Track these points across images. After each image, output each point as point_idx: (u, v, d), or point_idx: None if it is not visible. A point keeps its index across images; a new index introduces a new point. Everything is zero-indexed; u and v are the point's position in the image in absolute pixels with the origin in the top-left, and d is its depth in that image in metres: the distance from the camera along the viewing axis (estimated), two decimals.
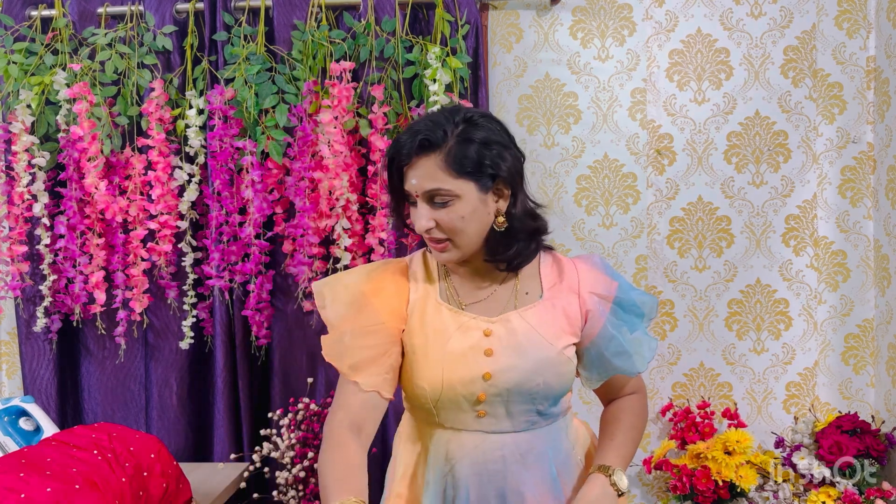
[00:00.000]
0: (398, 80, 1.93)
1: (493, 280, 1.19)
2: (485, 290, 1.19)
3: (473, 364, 1.14)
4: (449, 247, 1.13)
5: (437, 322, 1.17)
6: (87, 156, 1.84)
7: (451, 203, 1.10)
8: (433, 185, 1.09)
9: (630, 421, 1.25)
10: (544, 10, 2.09)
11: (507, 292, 1.19)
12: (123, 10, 1.96)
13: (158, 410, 1.99)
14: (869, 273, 2.06)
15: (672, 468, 1.93)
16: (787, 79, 2.06)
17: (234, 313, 1.95)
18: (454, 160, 1.08)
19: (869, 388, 2.06)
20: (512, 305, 1.17)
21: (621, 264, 2.10)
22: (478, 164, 1.09)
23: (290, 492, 1.82)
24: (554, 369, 1.15)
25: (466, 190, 1.10)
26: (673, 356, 2.10)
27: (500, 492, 1.17)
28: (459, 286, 1.20)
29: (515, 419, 1.17)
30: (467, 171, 1.09)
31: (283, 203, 1.93)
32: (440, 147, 1.09)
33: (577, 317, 1.18)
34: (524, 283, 1.19)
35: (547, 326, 1.16)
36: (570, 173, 2.10)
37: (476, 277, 1.20)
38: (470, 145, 1.09)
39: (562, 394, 1.19)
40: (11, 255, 1.90)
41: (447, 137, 1.09)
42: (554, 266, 1.21)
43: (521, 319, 1.16)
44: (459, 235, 1.12)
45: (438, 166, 1.09)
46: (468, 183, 1.10)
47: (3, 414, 1.82)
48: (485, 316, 1.17)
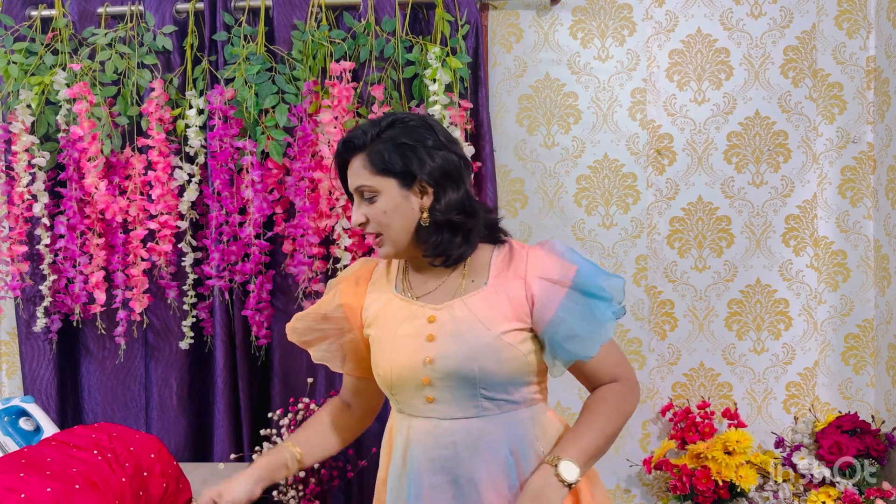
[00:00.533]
0: (398, 80, 1.93)
1: (444, 272, 1.26)
2: (435, 282, 1.26)
3: (417, 349, 1.21)
4: (381, 241, 1.23)
5: (390, 312, 1.26)
6: (87, 156, 1.84)
7: (375, 199, 1.21)
8: (358, 182, 1.22)
9: (598, 409, 1.22)
10: (544, 10, 2.09)
11: (455, 282, 1.25)
12: (123, 10, 1.96)
13: (158, 410, 1.99)
14: (869, 273, 2.06)
15: (672, 468, 1.93)
16: (787, 79, 2.06)
17: (234, 313, 1.95)
18: (373, 159, 1.20)
19: (869, 388, 2.06)
20: (458, 293, 1.23)
21: (621, 264, 2.10)
22: (394, 162, 1.19)
23: (290, 492, 1.82)
24: (491, 354, 1.18)
25: (387, 186, 1.20)
26: (673, 356, 2.10)
27: (454, 478, 1.21)
28: (413, 279, 1.28)
29: (463, 405, 1.21)
30: (384, 168, 1.20)
31: (283, 203, 1.93)
32: (364, 148, 1.21)
33: (522, 302, 1.21)
34: (472, 272, 1.25)
35: (486, 312, 1.20)
36: (570, 173, 2.10)
37: (428, 270, 1.27)
38: (387, 145, 1.20)
39: (507, 381, 1.21)
40: (11, 255, 1.90)
41: (367, 139, 1.21)
42: (506, 255, 1.25)
43: (463, 306, 1.21)
44: (386, 230, 1.22)
45: (363, 165, 1.21)
46: (389, 180, 1.20)
47: (3, 414, 1.82)
48: (433, 304, 1.24)
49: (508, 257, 1.25)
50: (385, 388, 1.28)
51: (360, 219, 1.23)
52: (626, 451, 2.11)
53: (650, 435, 2.11)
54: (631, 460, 2.10)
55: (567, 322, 1.19)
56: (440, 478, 1.21)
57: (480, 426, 1.21)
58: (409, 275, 1.29)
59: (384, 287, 1.31)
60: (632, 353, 2.10)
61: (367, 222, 1.23)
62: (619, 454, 2.11)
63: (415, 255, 1.26)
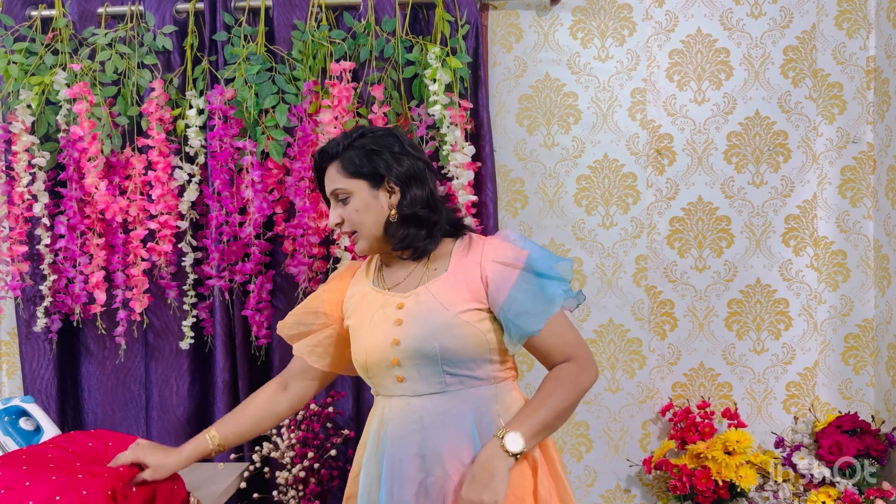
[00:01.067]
0: (398, 80, 1.93)
1: (411, 264, 1.39)
2: (404, 273, 1.39)
3: (386, 332, 1.33)
4: (356, 238, 1.37)
5: (366, 303, 1.39)
6: (87, 156, 1.84)
7: (348, 199, 1.36)
8: (333, 186, 1.36)
9: (550, 387, 1.30)
10: (544, 10, 2.09)
11: (420, 271, 1.38)
12: (123, 10, 1.96)
13: (158, 410, 2.00)
14: (869, 273, 2.06)
15: (672, 468, 1.94)
16: (787, 79, 2.06)
17: (235, 313, 1.95)
18: (345, 164, 1.36)
19: (869, 388, 2.06)
20: (423, 281, 1.36)
21: (621, 264, 2.10)
22: (363, 165, 1.35)
23: (290, 492, 1.82)
24: (450, 332, 1.29)
25: (358, 188, 1.35)
26: (673, 356, 2.11)
27: (420, 451, 1.30)
28: (387, 273, 1.41)
29: (429, 381, 1.31)
30: (355, 171, 1.35)
31: (283, 203, 1.93)
32: (337, 155, 1.37)
33: (478, 284, 1.32)
34: (435, 262, 1.38)
35: (446, 294, 1.32)
36: (570, 173, 2.10)
37: (398, 264, 1.40)
38: (358, 151, 1.36)
39: (469, 358, 1.31)
40: (11, 255, 1.90)
41: (339, 148, 1.37)
42: (466, 245, 1.38)
43: (427, 291, 1.33)
44: (360, 227, 1.36)
45: (337, 170, 1.36)
46: (359, 182, 1.35)
47: (3, 414, 1.82)
48: (401, 293, 1.36)
49: (468, 247, 1.38)
50: (362, 372, 1.39)
51: (337, 219, 1.37)
52: (626, 451, 2.11)
53: (650, 435, 2.12)
54: (631, 460, 2.10)
55: (518, 300, 1.30)
56: (408, 451, 1.30)
57: (446, 401, 1.31)
58: (383, 270, 1.43)
59: (363, 282, 1.44)
60: (632, 353, 2.10)
61: (342, 222, 1.37)
62: (619, 454, 2.11)
63: (386, 250, 1.39)
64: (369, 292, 1.40)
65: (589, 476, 2.12)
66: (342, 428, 1.95)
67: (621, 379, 2.11)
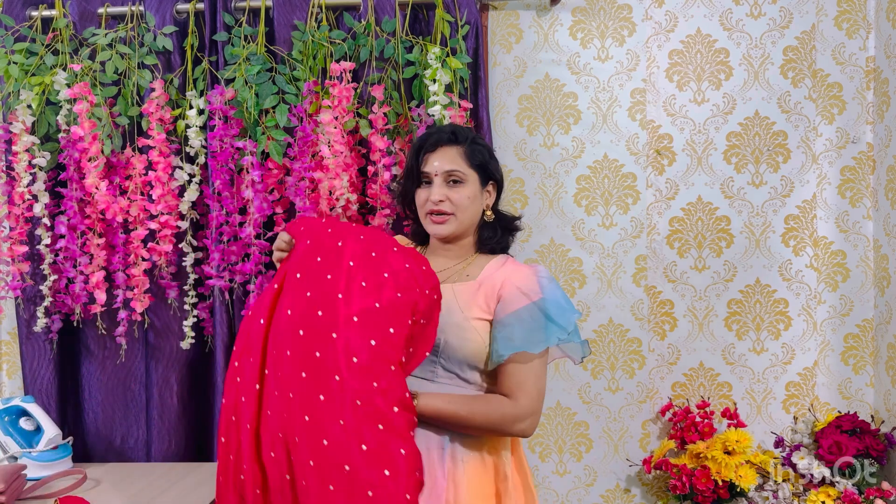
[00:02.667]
0: (398, 81, 1.93)
1: (451, 261, 1.50)
2: (442, 266, 1.49)
3: None
4: (450, 220, 1.45)
5: None
6: (87, 156, 1.84)
7: (462, 184, 1.45)
8: (453, 167, 1.45)
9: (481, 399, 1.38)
10: (544, 11, 2.09)
11: (456, 271, 1.48)
12: (124, 10, 1.96)
13: (159, 410, 2.00)
14: (868, 273, 2.06)
15: (672, 468, 1.94)
16: (787, 79, 2.06)
17: (235, 313, 1.95)
18: (470, 154, 1.47)
19: (868, 388, 2.06)
20: (452, 280, 1.46)
21: (621, 264, 2.10)
22: (483, 163, 1.48)
23: None
24: (456, 332, 1.38)
25: (473, 178, 1.46)
26: (673, 356, 2.11)
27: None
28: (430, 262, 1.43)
29: (423, 367, 1.39)
30: (476, 164, 1.47)
31: (283, 203, 1.93)
32: (461, 143, 1.47)
33: (494, 297, 1.41)
34: (469, 268, 1.48)
35: (464, 298, 1.41)
36: (570, 173, 2.10)
37: (441, 258, 1.50)
38: (480, 148, 1.49)
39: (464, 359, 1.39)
40: (12, 255, 1.90)
41: (467, 138, 1.48)
42: (500, 265, 1.47)
43: (450, 291, 1.42)
44: (462, 212, 1.45)
45: (459, 155, 1.46)
46: (475, 174, 1.47)
47: (4, 414, 1.83)
48: None
49: (502, 265, 1.47)
50: None
51: (443, 196, 1.44)
52: (626, 451, 2.11)
53: (650, 435, 2.12)
54: (631, 460, 2.10)
55: (513, 326, 1.37)
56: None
57: (431, 388, 1.39)
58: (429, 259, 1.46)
59: None
60: (632, 353, 2.11)
61: (444, 201, 1.44)
62: (619, 454, 2.11)
63: (461, 240, 1.49)
64: None
65: (589, 476, 2.12)
66: None
67: (621, 379, 2.11)
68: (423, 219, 1.49)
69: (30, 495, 1.63)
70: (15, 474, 1.58)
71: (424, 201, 1.47)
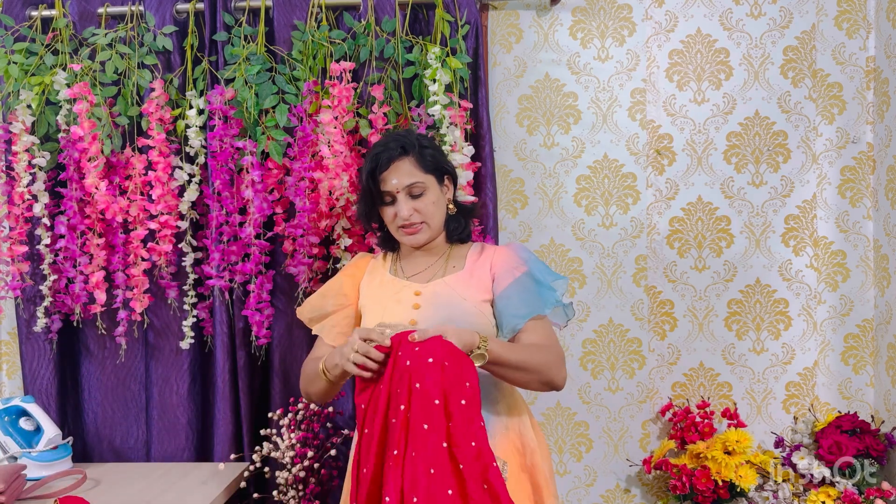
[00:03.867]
0: (398, 81, 1.93)
1: (430, 259, 1.57)
2: (424, 265, 1.56)
3: (405, 312, 1.48)
4: (422, 228, 1.51)
5: (384, 289, 1.54)
6: (87, 156, 1.84)
7: (424, 193, 1.50)
8: (412, 180, 1.49)
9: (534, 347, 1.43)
10: (544, 11, 2.09)
11: (439, 266, 1.55)
12: (124, 10, 1.96)
13: (159, 410, 2.00)
14: (868, 273, 2.06)
15: (672, 468, 1.94)
16: (787, 79, 2.06)
17: (235, 313, 1.95)
18: (421, 160, 1.50)
19: (868, 388, 2.06)
20: (440, 275, 1.53)
21: (621, 264, 2.10)
22: (435, 163, 1.52)
23: (290, 492, 1.82)
24: (464, 318, 1.45)
25: (431, 183, 1.51)
26: (673, 356, 2.11)
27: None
28: (405, 265, 1.58)
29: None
30: (430, 168, 1.51)
31: (283, 203, 1.93)
32: (411, 152, 1.50)
33: (488, 279, 1.50)
34: (453, 260, 1.56)
35: (462, 288, 1.49)
36: (569, 173, 2.10)
37: (420, 258, 1.57)
38: (429, 150, 1.53)
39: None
40: (12, 255, 1.90)
41: (414, 145, 1.51)
42: (479, 250, 1.57)
43: (444, 284, 1.50)
44: (431, 218, 1.51)
45: (413, 165, 1.50)
46: (431, 177, 1.52)
47: (4, 414, 1.83)
48: (419, 283, 1.52)
49: (480, 251, 1.57)
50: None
51: (411, 212, 1.49)
52: (626, 451, 2.11)
53: (650, 435, 2.12)
54: (631, 460, 2.10)
55: (513, 297, 1.46)
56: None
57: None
58: (401, 261, 1.59)
59: (380, 271, 1.59)
60: (632, 353, 2.11)
61: (413, 213, 1.49)
62: (619, 454, 2.11)
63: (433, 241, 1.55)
64: (388, 279, 1.55)
65: (589, 476, 2.12)
66: (342, 428, 1.96)
67: (621, 379, 2.11)
68: (396, 232, 1.54)
69: (30, 495, 1.63)
70: (15, 474, 1.58)
71: (393, 217, 1.51)
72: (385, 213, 1.53)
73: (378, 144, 1.54)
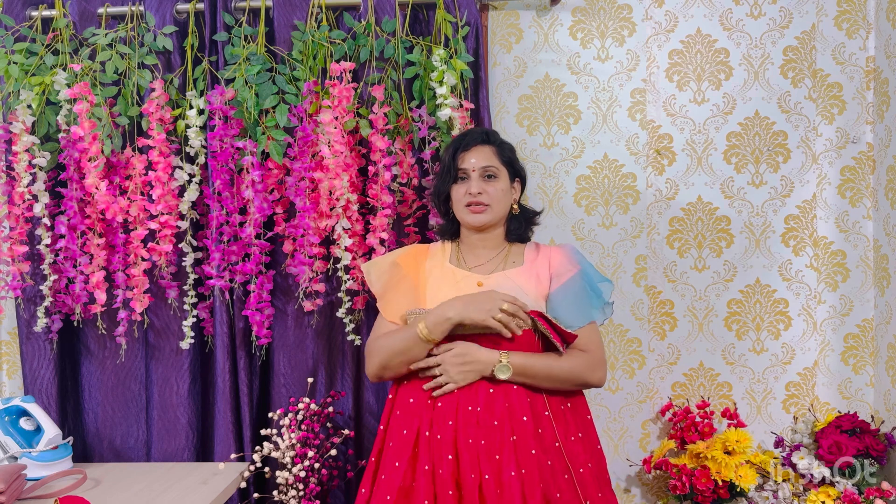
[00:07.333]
0: (398, 81, 1.93)
1: (490, 253, 1.66)
2: (484, 258, 1.65)
3: None
4: (487, 210, 1.60)
5: (445, 275, 1.63)
6: (87, 156, 1.84)
7: (495, 179, 1.62)
8: (488, 163, 1.62)
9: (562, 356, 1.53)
10: (544, 11, 2.09)
11: (500, 260, 1.65)
12: (124, 10, 1.96)
13: (159, 410, 2.00)
14: (868, 273, 2.06)
15: (672, 468, 1.94)
16: (787, 79, 2.06)
17: (235, 313, 1.95)
18: (500, 152, 1.64)
19: (868, 388, 2.06)
20: (501, 268, 1.63)
21: (621, 264, 2.10)
22: (511, 160, 1.66)
23: (290, 492, 1.82)
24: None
25: (504, 174, 1.64)
26: (672, 356, 2.11)
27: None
28: (467, 256, 1.67)
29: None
30: (506, 161, 1.64)
31: (283, 203, 1.93)
32: (492, 143, 1.65)
33: (546, 275, 1.61)
34: (512, 256, 1.66)
35: (524, 281, 1.59)
36: (569, 173, 2.11)
37: (479, 250, 1.66)
38: (507, 146, 1.67)
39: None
40: (12, 255, 1.90)
41: (496, 139, 1.67)
42: (535, 249, 1.68)
43: (506, 277, 1.60)
44: (496, 203, 1.61)
45: (492, 152, 1.63)
46: (505, 170, 1.64)
47: (4, 414, 1.83)
48: (481, 274, 1.61)
49: (536, 250, 1.67)
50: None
51: (481, 189, 1.59)
52: (626, 451, 2.11)
53: (650, 435, 2.12)
54: (631, 460, 2.10)
55: (568, 295, 1.57)
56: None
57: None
58: (462, 252, 1.67)
59: (440, 259, 1.67)
60: (632, 353, 2.11)
61: (482, 193, 1.59)
62: (619, 454, 2.11)
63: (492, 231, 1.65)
64: (448, 268, 1.64)
65: None
66: (342, 428, 1.96)
67: (621, 379, 2.11)
68: (461, 211, 1.63)
69: (30, 495, 1.63)
70: (15, 474, 1.58)
71: (463, 194, 1.61)
72: (456, 190, 1.63)
73: (464, 132, 1.70)
